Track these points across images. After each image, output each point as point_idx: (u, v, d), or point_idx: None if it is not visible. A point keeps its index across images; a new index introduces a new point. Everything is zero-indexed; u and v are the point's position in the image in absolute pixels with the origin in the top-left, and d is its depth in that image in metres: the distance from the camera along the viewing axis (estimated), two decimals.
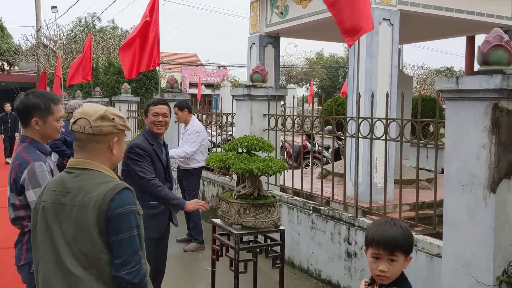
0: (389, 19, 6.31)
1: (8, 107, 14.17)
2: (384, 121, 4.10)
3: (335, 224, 4.48)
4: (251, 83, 5.72)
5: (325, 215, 4.66)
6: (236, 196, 3.23)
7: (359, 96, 4.38)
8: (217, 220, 3.50)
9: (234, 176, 4.03)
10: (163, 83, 18.83)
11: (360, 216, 4.42)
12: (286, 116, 5.34)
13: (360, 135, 4.32)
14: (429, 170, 10.63)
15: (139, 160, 3.26)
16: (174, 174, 8.06)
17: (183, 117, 6.00)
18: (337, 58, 46.35)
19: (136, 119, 10.72)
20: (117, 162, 2.00)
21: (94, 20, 30.47)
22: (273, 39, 9.32)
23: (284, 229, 3.36)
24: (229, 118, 6.76)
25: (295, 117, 5.22)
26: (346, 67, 45.31)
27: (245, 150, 3.35)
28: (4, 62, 24.72)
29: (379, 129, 4.19)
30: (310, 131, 5.03)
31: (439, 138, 3.94)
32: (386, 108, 4.13)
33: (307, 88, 42.07)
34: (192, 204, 3.37)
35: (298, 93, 32.85)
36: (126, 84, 11.32)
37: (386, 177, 4.52)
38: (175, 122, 7.97)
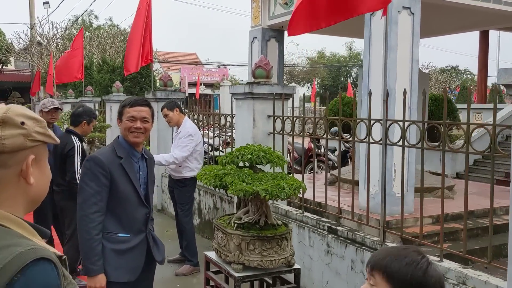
0: (409, 8, 5.55)
1: None
2: (420, 124, 3.30)
3: (357, 249, 3.68)
4: (253, 80, 4.93)
5: (344, 238, 3.86)
6: (236, 224, 2.44)
7: (387, 94, 3.58)
8: (212, 254, 2.69)
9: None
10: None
11: (388, 240, 3.61)
12: (295, 118, 4.54)
13: (388, 142, 3.52)
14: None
15: (85, 181, 2.46)
16: (161, 180, 7.33)
17: (174, 118, 5.18)
18: (339, 57, 45.65)
19: None
20: (39, 198, 1.19)
21: (82, 15, 29.59)
22: (277, 33, 8.54)
23: (299, 269, 2.56)
24: (228, 119, 5.96)
25: (306, 119, 4.41)
26: (348, 66, 44.68)
27: (247, 163, 2.55)
28: None
29: (394, 133, 3.45)
30: (324, 135, 4.23)
31: (450, 141, 3.21)
32: (423, 109, 3.32)
33: (308, 88, 41.34)
34: (92, 282, 2.41)
35: (300, 93, 32.04)
36: (118, 83, 10.52)
37: (419, 186, 3.73)
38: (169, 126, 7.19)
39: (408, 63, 5.69)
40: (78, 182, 3.95)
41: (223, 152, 7.71)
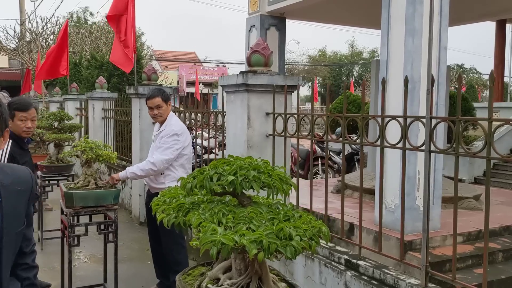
0: None
1: None
2: (485, 125, 2.29)
3: None
4: (248, 68, 3.92)
5: (368, 277, 2.85)
6: None
7: (432, 82, 2.57)
8: None
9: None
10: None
11: (432, 284, 2.61)
12: (301, 115, 3.52)
13: (434, 148, 2.50)
14: (460, 180, 8.84)
15: None
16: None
17: (165, 114, 4.16)
18: (340, 55, 44.77)
19: (113, 120, 8.92)
20: None
21: (59, 6, 28.37)
22: (277, 21, 7.53)
23: None
24: (219, 118, 4.95)
25: (316, 116, 3.40)
26: (350, 64, 43.75)
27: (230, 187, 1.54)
28: None
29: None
30: (342, 137, 3.22)
31: (466, 142, 2.22)
32: (496, 99, 2.30)
33: (309, 87, 40.46)
34: None
35: (301, 92, 31.27)
36: (101, 78, 9.55)
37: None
38: (153, 123, 6.20)
39: (435, 50, 4.73)
40: None
41: (218, 155, 6.76)
